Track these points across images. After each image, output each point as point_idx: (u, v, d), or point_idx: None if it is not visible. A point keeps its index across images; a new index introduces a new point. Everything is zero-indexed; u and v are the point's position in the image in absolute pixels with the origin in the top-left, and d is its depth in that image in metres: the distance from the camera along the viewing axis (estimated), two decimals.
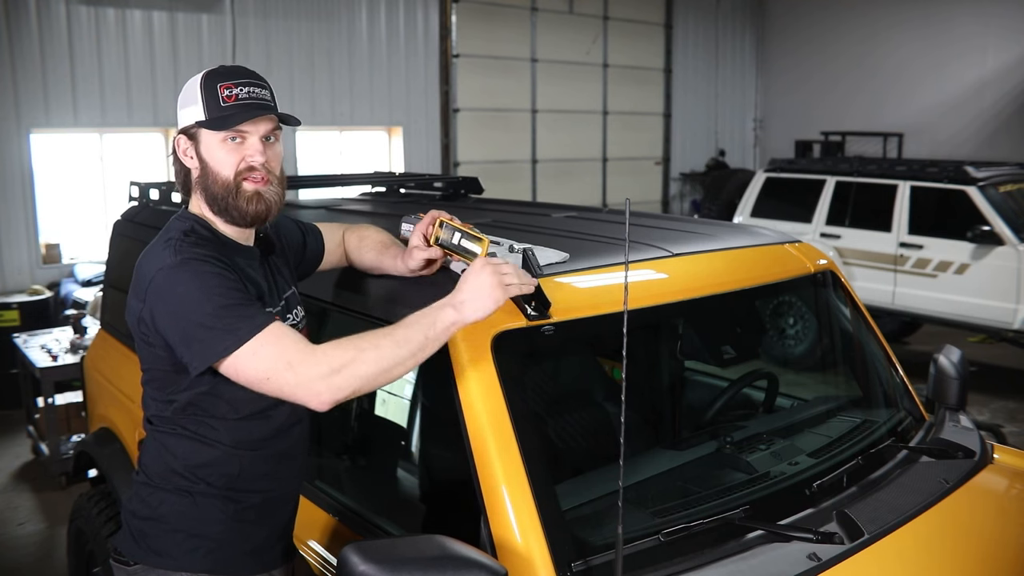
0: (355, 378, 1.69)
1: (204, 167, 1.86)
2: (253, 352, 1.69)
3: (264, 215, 1.88)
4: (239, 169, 1.85)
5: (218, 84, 1.83)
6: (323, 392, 1.68)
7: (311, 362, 1.68)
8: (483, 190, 4.12)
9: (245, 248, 1.93)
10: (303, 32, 9.94)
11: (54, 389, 5.61)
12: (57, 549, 4.61)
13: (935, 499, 2.19)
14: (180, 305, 1.72)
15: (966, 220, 7.23)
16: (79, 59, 8.35)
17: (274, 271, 2.02)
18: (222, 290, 1.72)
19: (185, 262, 1.74)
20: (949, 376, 2.73)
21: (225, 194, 1.85)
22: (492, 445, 1.84)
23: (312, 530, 2.28)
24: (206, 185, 1.87)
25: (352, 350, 1.70)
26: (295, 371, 1.68)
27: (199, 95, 1.83)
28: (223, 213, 1.87)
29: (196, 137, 1.86)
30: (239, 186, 1.85)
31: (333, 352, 1.69)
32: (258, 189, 1.86)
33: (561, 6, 12.66)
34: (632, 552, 1.80)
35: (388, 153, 11.31)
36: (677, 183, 14.92)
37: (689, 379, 3.30)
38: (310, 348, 1.71)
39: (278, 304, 1.95)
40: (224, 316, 1.69)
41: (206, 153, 1.86)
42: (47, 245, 8.38)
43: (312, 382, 1.68)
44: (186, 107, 1.87)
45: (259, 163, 1.86)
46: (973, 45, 12.91)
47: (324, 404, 1.70)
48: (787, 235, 2.94)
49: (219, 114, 1.82)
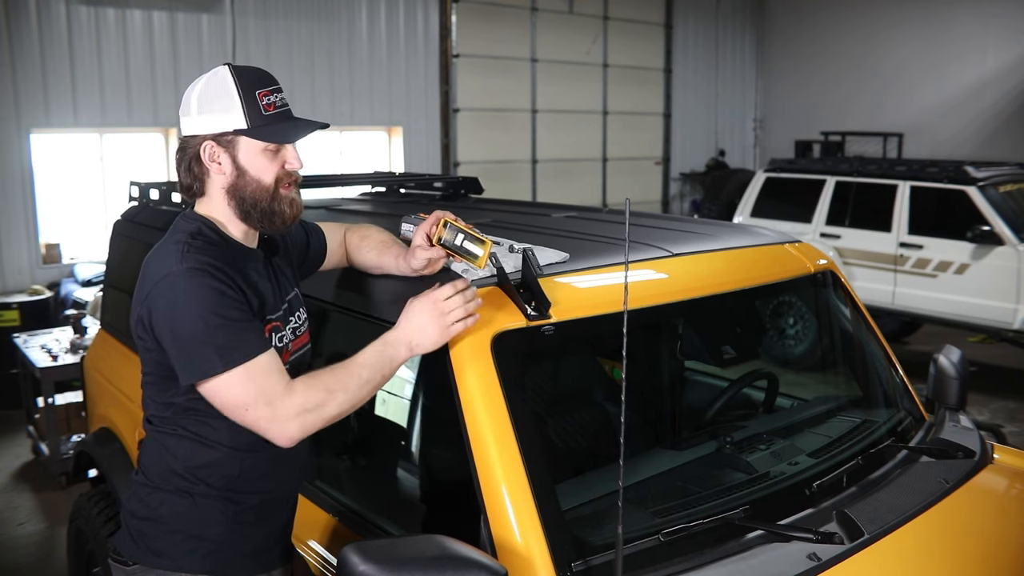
0: (322, 419, 1.76)
1: (242, 174, 1.85)
2: (238, 380, 1.72)
3: (296, 217, 1.92)
4: (278, 176, 1.86)
5: (256, 91, 1.82)
6: (294, 431, 1.74)
7: (288, 401, 1.73)
8: (483, 190, 4.12)
9: (250, 251, 1.93)
10: (303, 32, 9.94)
11: (54, 389, 5.61)
12: (57, 549, 4.61)
13: (935, 499, 2.19)
14: (177, 316, 1.72)
15: (966, 220, 7.23)
16: (79, 59, 8.35)
17: (278, 273, 2.01)
18: (221, 308, 1.72)
19: (190, 272, 1.73)
20: (949, 376, 2.73)
21: (265, 200, 1.85)
22: (492, 445, 1.84)
23: (312, 530, 2.28)
24: (240, 191, 1.85)
25: (323, 391, 1.75)
26: (273, 407, 1.72)
27: (239, 102, 1.81)
28: (259, 218, 1.87)
29: (234, 144, 1.83)
30: (277, 193, 1.86)
31: (307, 393, 1.74)
32: (292, 195, 1.89)
33: (561, 6, 12.66)
34: (632, 552, 1.80)
35: (388, 153, 11.31)
36: (677, 183, 14.92)
37: (689, 379, 3.30)
38: (289, 385, 1.75)
39: (280, 307, 1.95)
40: (218, 336, 1.70)
41: (246, 161, 1.84)
42: (47, 245, 8.38)
43: (287, 420, 1.73)
44: (217, 112, 1.82)
45: (298, 170, 1.90)
46: (973, 45, 12.91)
47: (290, 441, 1.75)
48: (787, 235, 2.94)
49: (263, 123, 1.82)
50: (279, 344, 1.89)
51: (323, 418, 1.76)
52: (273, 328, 1.89)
